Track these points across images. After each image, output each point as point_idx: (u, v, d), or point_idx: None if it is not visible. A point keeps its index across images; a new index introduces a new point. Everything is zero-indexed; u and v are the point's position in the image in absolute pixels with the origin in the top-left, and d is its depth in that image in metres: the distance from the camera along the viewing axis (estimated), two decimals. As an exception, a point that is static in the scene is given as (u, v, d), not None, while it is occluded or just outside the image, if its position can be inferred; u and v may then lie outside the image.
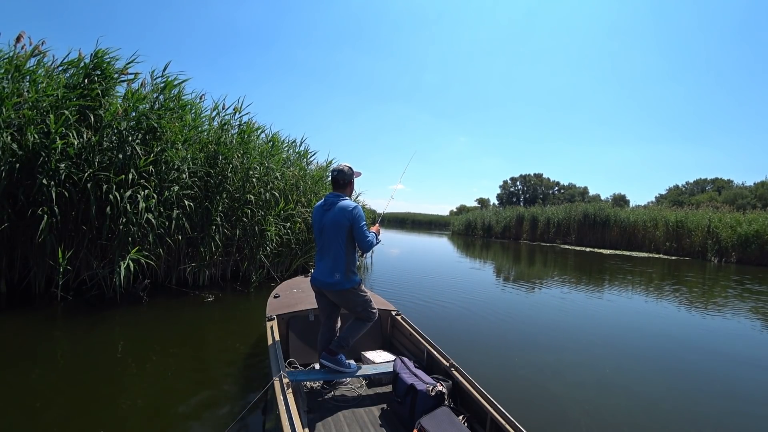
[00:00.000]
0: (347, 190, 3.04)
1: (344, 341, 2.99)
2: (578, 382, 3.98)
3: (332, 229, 2.86)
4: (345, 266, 2.85)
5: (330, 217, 2.88)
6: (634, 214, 25.64)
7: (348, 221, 2.83)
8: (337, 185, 3.02)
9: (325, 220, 2.90)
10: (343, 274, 2.84)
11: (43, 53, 5.78)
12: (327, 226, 2.88)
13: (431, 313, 6.26)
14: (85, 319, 4.88)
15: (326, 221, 2.89)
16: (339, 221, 2.84)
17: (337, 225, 2.84)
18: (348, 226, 2.84)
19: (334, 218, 2.85)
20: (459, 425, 2.33)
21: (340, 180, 3.00)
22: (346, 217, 2.83)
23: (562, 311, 7.00)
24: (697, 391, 3.95)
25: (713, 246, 20.33)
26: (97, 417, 2.81)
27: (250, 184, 7.40)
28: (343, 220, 2.83)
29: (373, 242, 2.93)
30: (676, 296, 9.17)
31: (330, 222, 2.87)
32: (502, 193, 68.65)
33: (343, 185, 3.02)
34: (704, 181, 53.89)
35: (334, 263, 2.85)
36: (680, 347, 5.32)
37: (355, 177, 3.11)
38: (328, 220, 2.88)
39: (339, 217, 2.84)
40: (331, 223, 2.86)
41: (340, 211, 2.85)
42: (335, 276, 2.84)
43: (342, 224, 2.84)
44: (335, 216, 2.85)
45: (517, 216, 32.51)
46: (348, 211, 2.84)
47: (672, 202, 41.74)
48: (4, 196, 5.05)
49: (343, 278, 2.85)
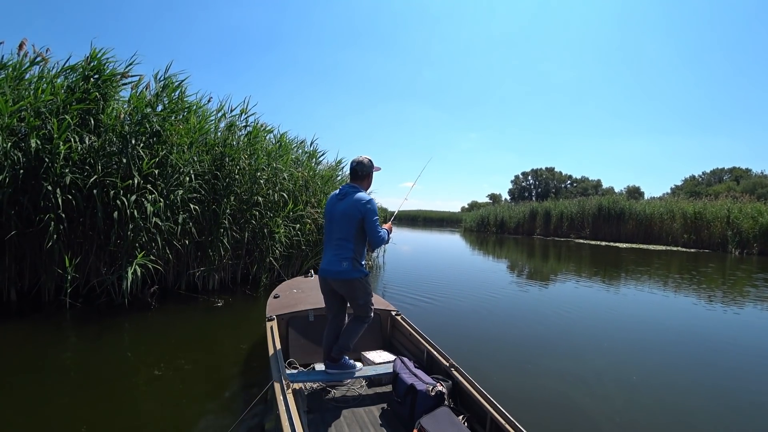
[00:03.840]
0: (365, 182, 3.01)
1: (345, 347, 2.97)
2: (582, 380, 3.80)
3: (343, 220, 2.82)
4: (353, 256, 2.81)
5: (342, 207, 2.84)
6: (650, 207, 25.09)
7: (360, 214, 2.78)
8: (355, 176, 2.98)
9: (336, 210, 2.88)
10: (350, 263, 2.80)
11: (46, 60, 5.73)
12: (338, 216, 2.85)
13: (443, 313, 6.13)
14: (93, 326, 4.83)
15: (338, 211, 2.86)
16: (351, 213, 2.80)
17: (348, 216, 2.80)
18: (360, 218, 2.79)
19: (346, 209, 2.81)
20: (459, 425, 2.34)
21: (359, 171, 2.97)
22: (358, 209, 2.78)
23: (579, 308, 6.78)
24: (740, 401, 3.67)
25: (734, 237, 19.78)
26: (103, 421, 2.84)
27: (258, 186, 7.29)
28: (356, 212, 2.78)
29: (384, 238, 2.87)
30: (703, 290, 8.86)
31: (342, 212, 2.83)
32: (513, 188, 68.14)
33: (361, 177, 2.98)
34: (721, 171, 52.81)
35: (342, 252, 2.81)
36: (716, 348, 5.05)
37: (375, 171, 3.07)
38: (339, 211, 2.85)
39: (351, 209, 2.80)
40: (343, 214, 2.82)
41: (354, 202, 2.81)
42: (342, 264, 2.80)
43: (354, 216, 2.79)
44: (348, 207, 2.82)
45: (530, 211, 32.08)
46: (362, 203, 2.79)
47: (688, 193, 40.87)
48: (10, 203, 5.01)
49: (351, 267, 2.81)
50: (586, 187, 57.89)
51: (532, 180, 67.50)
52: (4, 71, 5.41)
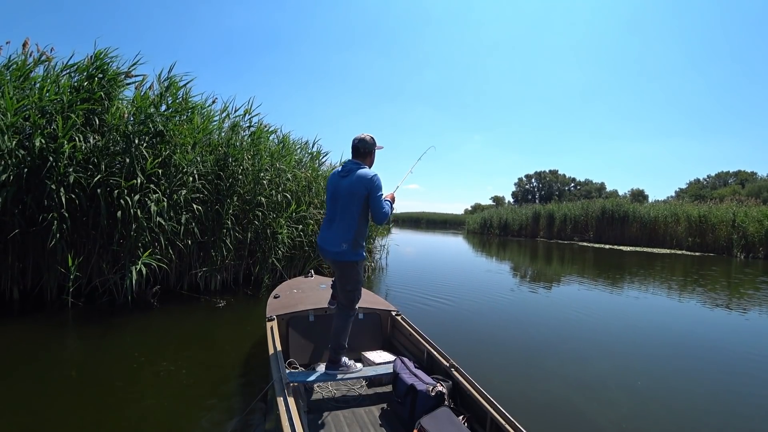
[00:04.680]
0: (367, 160, 2.94)
1: (338, 345, 2.94)
2: (586, 385, 3.75)
3: (347, 197, 2.75)
4: (354, 237, 2.76)
5: (346, 184, 2.77)
6: (654, 210, 24.89)
7: (366, 190, 2.72)
8: (357, 153, 2.90)
9: (340, 187, 2.80)
10: (350, 245, 2.75)
11: (50, 58, 5.74)
12: (342, 193, 2.78)
13: (446, 314, 6.09)
14: (95, 326, 4.83)
15: (341, 188, 2.79)
16: (355, 190, 2.73)
17: (352, 194, 2.74)
18: (365, 195, 2.73)
19: (351, 187, 2.74)
20: (459, 425, 2.34)
21: (361, 149, 2.89)
22: (364, 185, 2.72)
23: (582, 312, 6.73)
24: (750, 408, 3.60)
25: (739, 241, 19.62)
26: (103, 420, 2.84)
27: (261, 187, 7.29)
28: (361, 188, 2.72)
29: (388, 213, 2.80)
30: (708, 294, 8.78)
31: (345, 189, 2.76)
32: (517, 190, 68.03)
33: (363, 154, 2.91)
34: (726, 174, 52.56)
35: (343, 232, 2.75)
36: (724, 352, 4.97)
37: (377, 149, 3.00)
38: (343, 188, 2.78)
39: (356, 186, 2.73)
40: (347, 191, 2.75)
41: (358, 179, 2.74)
42: (342, 245, 2.75)
43: (359, 193, 2.72)
44: (352, 184, 2.74)
45: (533, 213, 31.92)
46: (367, 179, 2.72)
47: (693, 196, 40.63)
48: (14, 202, 5.02)
49: (350, 249, 2.76)
50: (590, 189, 57.74)
51: (535, 182, 67.37)
52: (8, 71, 5.42)
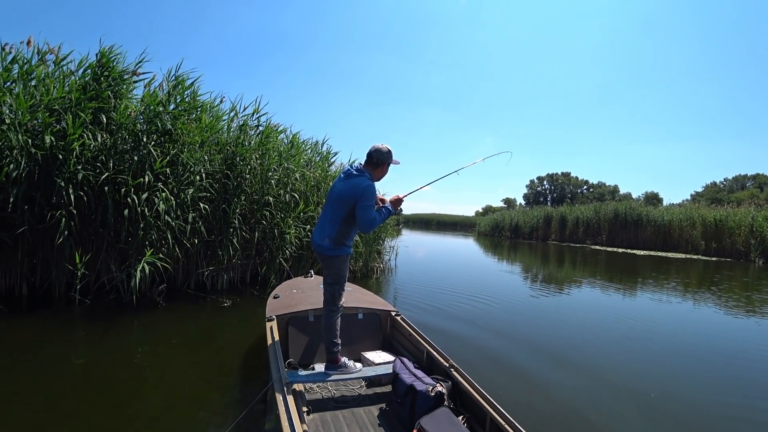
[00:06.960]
0: (377, 170, 2.95)
1: (330, 344, 2.97)
2: (595, 396, 3.64)
3: (337, 202, 2.84)
4: (336, 236, 2.85)
5: (341, 187, 2.86)
6: (668, 213, 24.44)
7: (354, 198, 2.75)
8: (369, 162, 2.94)
9: (335, 190, 2.90)
10: (332, 242, 2.84)
11: (59, 57, 5.78)
12: (335, 195, 2.88)
13: (450, 316, 6.00)
14: (101, 323, 4.85)
15: (336, 190, 2.89)
16: (346, 197, 2.80)
17: (342, 200, 2.81)
18: (353, 203, 2.77)
19: (343, 191, 2.83)
20: (459, 426, 2.34)
21: (374, 158, 2.92)
22: (354, 193, 2.76)
23: (593, 317, 6.58)
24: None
25: (757, 246, 19.13)
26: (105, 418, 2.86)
27: (269, 186, 7.27)
28: (351, 196, 2.77)
29: (374, 222, 2.79)
30: (725, 301, 8.54)
31: (338, 193, 2.85)
32: (528, 192, 67.45)
33: (375, 164, 2.93)
34: (744, 177, 51.40)
35: (328, 230, 2.85)
36: (743, 362, 4.79)
37: (392, 164, 3.00)
38: (338, 190, 2.87)
39: (348, 192, 2.80)
40: (338, 195, 2.84)
41: (352, 186, 2.80)
42: (325, 240, 2.85)
43: (347, 199, 2.79)
44: (345, 190, 2.82)
45: (545, 216, 31.55)
46: (359, 188, 2.76)
47: (709, 200, 39.82)
48: (23, 199, 5.05)
49: (332, 245, 2.87)
50: (603, 192, 56.97)
51: (547, 185, 66.72)
52: (16, 69, 5.48)
